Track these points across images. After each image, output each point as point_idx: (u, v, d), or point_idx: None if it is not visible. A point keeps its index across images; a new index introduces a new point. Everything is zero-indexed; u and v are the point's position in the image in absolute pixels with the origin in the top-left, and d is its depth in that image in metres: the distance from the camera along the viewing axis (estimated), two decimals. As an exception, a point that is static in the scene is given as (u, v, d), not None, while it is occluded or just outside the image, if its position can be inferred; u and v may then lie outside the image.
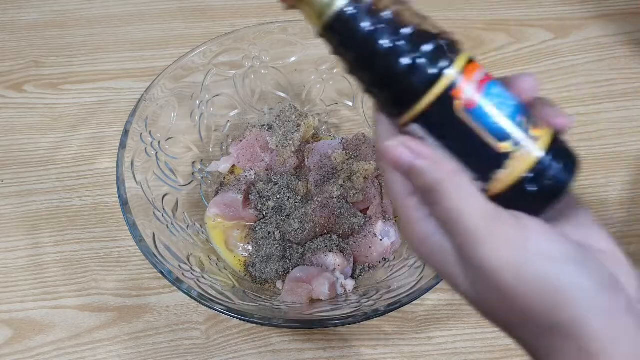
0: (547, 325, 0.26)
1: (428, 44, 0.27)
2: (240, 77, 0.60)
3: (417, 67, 0.27)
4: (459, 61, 0.27)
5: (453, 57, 0.27)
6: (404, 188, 0.29)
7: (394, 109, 0.28)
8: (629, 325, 0.26)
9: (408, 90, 0.27)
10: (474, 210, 0.26)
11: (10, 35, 0.73)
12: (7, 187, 0.60)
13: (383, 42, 0.27)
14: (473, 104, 0.27)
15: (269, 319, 0.43)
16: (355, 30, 0.27)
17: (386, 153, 0.28)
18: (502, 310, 0.27)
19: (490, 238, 0.26)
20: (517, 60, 0.71)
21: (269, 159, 0.58)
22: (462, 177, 0.27)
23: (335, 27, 0.28)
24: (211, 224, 0.55)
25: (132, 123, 0.51)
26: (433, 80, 0.27)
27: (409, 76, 0.27)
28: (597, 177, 0.61)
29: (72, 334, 0.51)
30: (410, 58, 0.27)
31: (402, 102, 0.28)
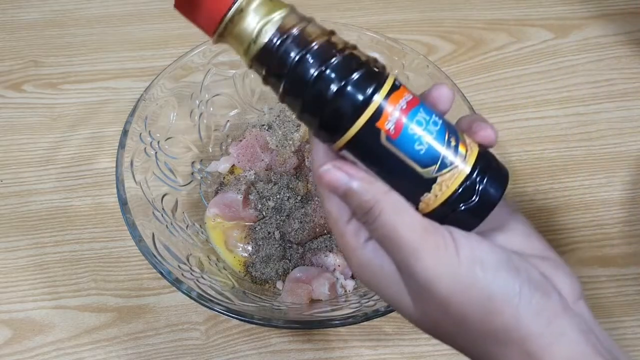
0: (485, 332, 0.26)
1: (354, 72, 0.27)
2: (240, 76, 0.60)
3: (344, 96, 0.27)
4: (384, 88, 0.28)
5: (379, 84, 0.28)
6: (342, 214, 0.29)
7: (325, 135, 0.29)
8: (566, 326, 0.26)
9: (336, 118, 0.28)
10: (409, 225, 0.27)
11: (9, 35, 0.73)
12: (6, 187, 0.59)
13: (309, 72, 0.27)
14: (397, 132, 0.27)
15: (268, 320, 0.42)
16: (283, 62, 0.28)
17: (322, 177, 0.28)
18: (443, 322, 0.28)
19: (424, 250, 0.26)
20: (517, 60, 0.71)
21: (268, 159, 0.58)
22: (395, 195, 0.28)
23: (263, 58, 0.28)
24: (211, 224, 0.55)
25: (132, 123, 0.51)
26: (359, 108, 0.27)
27: (337, 105, 0.27)
28: (597, 177, 0.61)
29: (71, 334, 0.51)
30: (336, 87, 0.27)
31: (331, 129, 0.28)
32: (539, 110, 0.67)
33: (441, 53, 0.72)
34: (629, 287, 0.54)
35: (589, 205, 0.59)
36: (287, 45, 0.28)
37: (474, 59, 0.71)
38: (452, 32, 0.74)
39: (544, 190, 0.60)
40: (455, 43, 0.73)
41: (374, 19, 0.75)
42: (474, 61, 0.71)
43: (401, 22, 0.74)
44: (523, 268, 0.27)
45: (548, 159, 0.63)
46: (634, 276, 0.55)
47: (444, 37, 0.73)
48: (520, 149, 0.63)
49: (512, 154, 0.63)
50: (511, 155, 0.63)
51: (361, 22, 0.74)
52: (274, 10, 0.28)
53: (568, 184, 0.61)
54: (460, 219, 0.28)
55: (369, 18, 0.75)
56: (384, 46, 0.57)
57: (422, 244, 0.26)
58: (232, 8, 0.28)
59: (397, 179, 0.28)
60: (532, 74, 0.70)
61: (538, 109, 0.67)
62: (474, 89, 0.68)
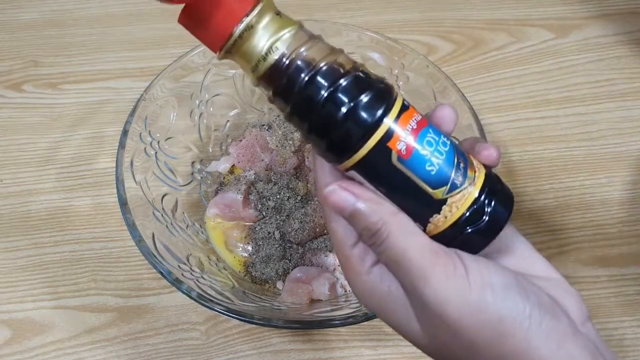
0: (495, 356, 0.26)
1: (364, 93, 0.27)
2: (240, 76, 0.60)
3: (354, 118, 0.27)
4: (394, 108, 0.27)
5: (389, 105, 0.27)
6: (347, 237, 0.29)
7: (332, 156, 0.28)
8: (576, 349, 0.26)
9: (346, 140, 0.27)
10: (417, 247, 0.27)
11: (9, 35, 0.73)
12: (6, 187, 0.59)
13: (319, 93, 0.27)
14: (409, 153, 0.27)
15: (268, 320, 0.42)
16: (291, 82, 0.27)
17: (327, 198, 0.28)
18: (452, 347, 0.27)
19: (433, 274, 0.26)
20: (517, 60, 0.71)
21: (268, 159, 0.58)
22: (404, 216, 0.28)
23: (271, 77, 0.28)
24: (211, 224, 0.55)
25: (132, 123, 0.51)
26: (370, 129, 0.27)
27: (347, 127, 0.27)
28: (597, 177, 0.61)
29: (71, 334, 0.51)
30: (346, 109, 0.27)
31: (340, 150, 0.28)
32: (539, 110, 0.67)
33: (441, 53, 0.72)
34: (629, 287, 0.54)
35: (589, 205, 0.59)
36: (296, 65, 0.27)
37: (474, 59, 0.71)
38: (452, 32, 0.74)
39: (544, 190, 0.60)
40: (455, 43, 0.73)
41: (374, 19, 0.75)
42: (474, 61, 0.71)
43: (401, 22, 0.74)
44: (532, 291, 0.27)
45: (548, 159, 0.63)
46: (634, 276, 0.55)
47: (444, 37, 0.73)
48: (520, 149, 0.63)
49: (512, 154, 0.63)
50: (511, 155, 0.63)
51: (361, 22, 0.74)
52: (283, 27, 0.27)
53: (568, 184, 0.61)
54: (468, 241, 0.28)
55: (369, 18, 0.75)
56: (384, 46, 0.57)
57: (431, 267, 0.26)
58: (241, 25, 0.27)
59: (406, 200, 0.28)
60: (532, 74, 0.70)
61: (538, 109, 0.67)
62: (474, 89, 0.68)
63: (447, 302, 0.26)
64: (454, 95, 0.54)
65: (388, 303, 0.28)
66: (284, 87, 0.28)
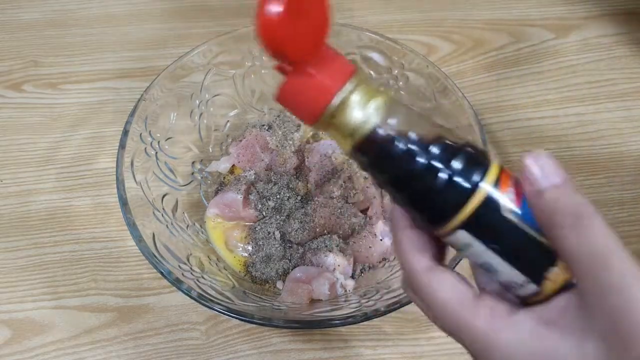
0: None
1: (459, 159, 0.27)
2: (240, 76, 0.60)
3: (452, 185, 0.27)
4: (492, 170, 0.27)
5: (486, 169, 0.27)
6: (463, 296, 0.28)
7: (428, 224, 0.28)
8: None
9: (443, 207, 0.27)
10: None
11: (9, 35, 0.73)
12: (6, 187, 0.59)
13: (414, 162, 0.27)
14: (519, 203, 0.27)
15: (269, 320, 0.42)
16: (385, 153, 0.27)
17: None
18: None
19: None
20: (517, 60, 0.71)
21: (268, 159, 0.58)
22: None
23: (365, 149, 0.28)
24: (211, 224, 0.55)
25: (132, 123, 0.51)
26: (469, 194, 0.26)
27: (444, 194, 0.27)
28: (597, 177, 0.61)
29: (71, 334, 0.51)
30: (443, 176, 0.27)
31: (436, 218, 0.28)
32: (539, 110, 0.67)
33: (441, 53, 0.72)
34: (629, 287, 0.54)
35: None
36: (389, 137, 0.27)
37: (474, 59, 0.71)
38: (452, 32, 0.74)
39: (544, 190, 0.60)
40: (455, 43, 0.73)
41: (374, 19, 0.75)
42: (474, 61, 0.71)
43: (401, 22, 0.74)
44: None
45: (548, 159, 0.63)
46: (634, 276, 0.55)
47: (444, 37, 0.73)
48: (521, 149, 0.63)
49: (512, 154, 0.63)
50: (511, 155, 0.63)
51: (361, 22, 0.74)
52: (375, 99, 0.27)
53: (568, 184, 0.61)
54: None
55: (369, 18, 0.75)
56: (384, 46, 0.57)
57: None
58: (334, 101, 0.27)
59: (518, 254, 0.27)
60: (532, 74, 0.70)
61: (538, 109, 0.67)
62: (474, 89, 0.68)
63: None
64: (454, 95, 0.54)
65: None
66: (377, 158, 0.28)
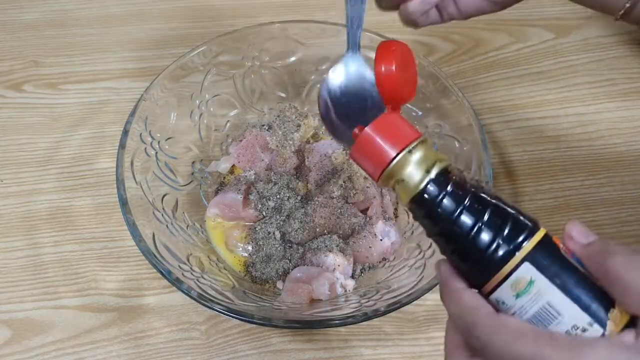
0: None
1: (507, 221, 0.29)
2: (240, 77, 0.60)
3: (499, 245, 0.29)
4: (541, 231, 0.30)
5: (533, 229, 0.30)
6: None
7: (472, 278, 0.31)
8: None
9: (490, 264, 0.29)
10: None
11: (9, 35, 0.73)
12: (6, 187, 0.60)
13: (463, 221, 0.30)
14: (570, 254, 0.29)
15: (269, 320, 0.43)
16: (437, 209, 0.31)
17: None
18: None
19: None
20: (517, 60, 0.71)
21: (269, 159, 0.58)
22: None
23: (421, 203, 0.31)
24: (211, 224, 0.55)
25: (132, 123, 0.51)
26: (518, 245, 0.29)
27: (491, 253, 0.29)
28: (597, 177, 0.61)
29: (71, 334, 0.51)
30: (491, 236, 0.29)
31: (482, 274, 0.30)
32: (539, 110, 0.67)
33: (441, 53, 0.72)
34: (629, 287, 0.54)
35: (589, 205, 0.59)
36: (441, 195, 0.31)
37: (474, 59, 0.71)
38: (452, 32, 0.74)
39: (544, 190, 0.60)
40: (455, 43, 0.73)
41: (373, 19, 0.75)
42: (474, 61, 0.71)
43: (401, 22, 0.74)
44: None
45: (548, 159, 0.63)
46: (634, 276, 0.55)
47: (444, 37, 0.73)
48: (521, 149, 0.63)
49: (512, 154, 0.63)
50: (511, 155, 0.63)
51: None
52: (434, 161, 0.31)
53: (568, 184, 0.61)
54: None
55: (369, 18, 0.74)
56: (384, 46, 0.57)
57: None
58: (397, 159, 0.32)
59: (582, 289, 0.28)
60: (532, 74, 0.70)
61: (538, 109, 0.67)
62: (474, 89, 0.68)
63: None
64: (454, 95, 0.54)
65: None
66: (430, 213, 0.31)
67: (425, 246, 0.50)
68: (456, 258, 0.31)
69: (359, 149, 0.34)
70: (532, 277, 0.28)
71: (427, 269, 0.47)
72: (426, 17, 0.46)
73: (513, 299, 0.29)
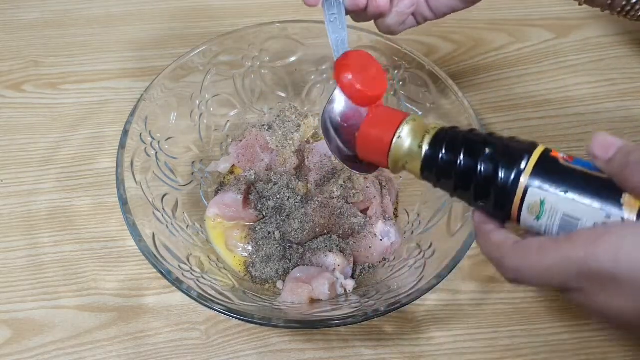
0: None
1: (505, 151, 0.32)
2: (240, 77, 0.60)
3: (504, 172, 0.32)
4: (539, 148, 0.32)
5: (532, 147, 0.32)
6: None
7: (498, 215, 0.33)
8: None
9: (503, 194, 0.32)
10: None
11: (9, 35, 0.73)
12: (6, 187, 0.60)
13: (467, 165, 0.33)
14: (571, 158, 0.31)
15: (269, 320, 0.43)
16: (442, 167, 0.34)
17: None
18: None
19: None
20: (517, 61, 0.71)
21: (269, 159, 0.58)
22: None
23: (427, 170, 0.35)
24: (211, 224, 0.55)
25: (132, 123, 0.51)
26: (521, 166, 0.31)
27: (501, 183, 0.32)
28: (597, 177, 0.61)
29: (71, 334, 0.51)
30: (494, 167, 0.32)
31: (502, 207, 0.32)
32: (539, 110, 0.67)
33: (441, 53, 0.72)
34: (629, 287, 0.54)
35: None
36: (441, 155, 0.34)
37: (474, 59, 0.71)
38: (452, 32, 0.74)
39: (544, 190, 0.60)
40: (455, 43, 0.73)
41: (374, 19, 0.75)
42: (474, 61, 0.71)
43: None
44: None
45: (548, 159, 0.63)
46: (634, 276, 0.55)
47: (444, 37, 0.73)
48: (520, 149, 0.63)
49: (512, 154, 0.63)
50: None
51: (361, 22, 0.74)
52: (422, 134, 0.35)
53: (568, 184, 0.61)
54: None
55: (369, 18, 0.75)
56: (384, 46, 0.57)
57: None
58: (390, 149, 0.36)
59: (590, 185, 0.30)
60: (532, 74, 0.70)
61: (538, 109, 0.67)
62: (474, 89, 0.68)
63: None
64: (454, 95, 0.54)
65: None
66: (442, 174, 0.34)
67: (425, 246, 0.50)
68: (479, 203, 0.33)
69: (362, 151, 0.39)
70: (541, 198, 0.30)
71: (427, 269, 0.47)
72: (403, 25, 0.49)
73: (536, 222, 0.31)
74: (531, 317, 0.52)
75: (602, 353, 0.50)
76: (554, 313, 0.52)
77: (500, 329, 0.51)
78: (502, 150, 0.32)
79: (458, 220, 0.49)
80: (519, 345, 0.51)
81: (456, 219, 0.49)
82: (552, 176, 0.30)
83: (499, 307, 0.53)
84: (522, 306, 0.53)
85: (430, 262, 0.48)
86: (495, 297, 0.53)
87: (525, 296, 0.53)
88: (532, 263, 0.30)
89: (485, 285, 0.54)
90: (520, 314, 0.52)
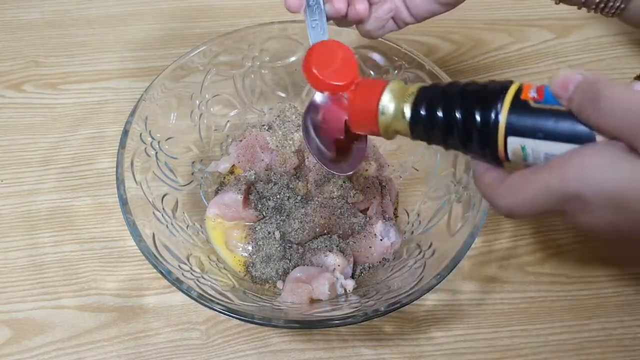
0: None
1: (479, 95, 0.33)
2: (240, 77, 0.60)
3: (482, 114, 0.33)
4: (512, 88, 0.33)
5: (505, 88, 0.33)
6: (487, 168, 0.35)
7: (489, 157, 0.34)
8: None
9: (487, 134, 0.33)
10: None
11: (9, 35, 0.73)
12: (6, 187, 0.60)
13: (450, 115, 0.34)
14: (540, 95, 0.32)
15: (269, 320, 0.43)
16: (428, 122, 0.36)
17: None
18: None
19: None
20: (517, 60, 0.71)
21: (269, 159, 0.58)
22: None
23: (416, 129, 0.37)
24: (211, 224, 0.55)
25: (132, 123, 0.51)
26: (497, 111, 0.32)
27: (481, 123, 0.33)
28: (597, 177, 0.61)
29: (71, 334, 0.51)
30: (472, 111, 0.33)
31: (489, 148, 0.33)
32: (539, 110, 0.67)
33: (441, 53, 0.72)
34: (629, 287, 0.54)
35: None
36: (424, 111, 0.36)
37: (474, 59, 0.71)
38: (452, 32, 0.74)
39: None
40: (455, 43, 0.73)
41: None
42: (474, 61, 0.71)
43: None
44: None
45: (548, 159, 0.63)
46: (634, 276, 0.55)
47: (444, 37, 0.73)
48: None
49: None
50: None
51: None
52: (403, 98, 0.37)
53: (568, 184, 0.61)
54: None
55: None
56: (384, 46, 0.57)
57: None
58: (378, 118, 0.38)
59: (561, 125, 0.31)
60: (532, 74, 0.70)
61: (538, 109, 0.67)
62: (474, 89, 0.68)
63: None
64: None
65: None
66: (430, 128, 0.36)
67: (425, 246, 0.50)
68: (470, 149, 0.35)
69: (355, 126, 0.41)
70: (521, 144, 0.32)
71: (427, 269, 0.47)
72: (383, 29, 0.50)
73: (525, 162, 0.33)
74: (531, 317, 0.52)
75: (602, 353, 0.50)
76: (554, 313, 0.52)
77: (500, 329, 0.51)
78: (476, 93, 0.34)
79: (458, 220, 0.49)
80: (519, 345, 0.51)
81: (456, 219, 0.49)
82: (526, 123, 0.31)
83: (499, 307, 0.53)
84: (522, 306, 0.53)
85: (430, 262, 0.48)
86: (495, 297, 0.53)
87: (525, 296, 0.53)
88: (518, 197, 0.32)
89: (485, 285, 0.54)
90: (520, 314, 0.52)
